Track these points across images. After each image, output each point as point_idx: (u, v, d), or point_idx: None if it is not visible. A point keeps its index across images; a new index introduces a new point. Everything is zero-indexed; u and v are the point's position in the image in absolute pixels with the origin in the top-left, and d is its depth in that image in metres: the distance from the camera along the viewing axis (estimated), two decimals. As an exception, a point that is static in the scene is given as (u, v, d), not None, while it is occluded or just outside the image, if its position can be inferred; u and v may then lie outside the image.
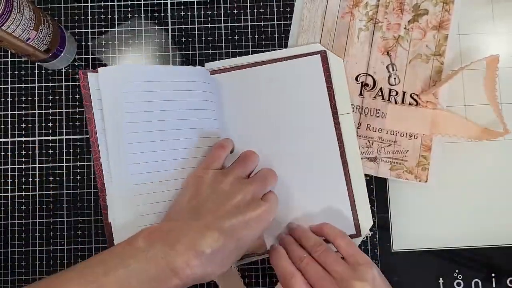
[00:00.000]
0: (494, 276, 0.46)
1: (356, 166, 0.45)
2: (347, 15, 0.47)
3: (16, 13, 0.38)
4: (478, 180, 0.46)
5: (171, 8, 0.48)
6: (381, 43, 0.47)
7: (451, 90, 0.46)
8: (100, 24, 0.48)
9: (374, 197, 0.46)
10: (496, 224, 0.46)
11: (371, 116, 0.46)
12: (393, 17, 0.47)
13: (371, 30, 0.47)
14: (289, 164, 0.45)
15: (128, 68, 0.42)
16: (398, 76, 0.46)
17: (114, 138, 0.40)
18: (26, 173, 0.47)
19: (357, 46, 0.47)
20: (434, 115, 0.46)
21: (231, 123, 0.45)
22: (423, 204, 0.46)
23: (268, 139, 0.45)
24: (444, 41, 0.46)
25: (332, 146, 0.45)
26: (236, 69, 0.46)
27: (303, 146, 0.45)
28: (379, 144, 0.46)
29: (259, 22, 0.48)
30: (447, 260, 0.46)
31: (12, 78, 0.47)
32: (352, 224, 0.45)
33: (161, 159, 0.41)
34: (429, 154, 0.46)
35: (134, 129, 0.40)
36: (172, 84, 0.42)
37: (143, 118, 0.41)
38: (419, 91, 0.46)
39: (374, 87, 0.47)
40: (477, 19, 0.48)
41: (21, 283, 0.46)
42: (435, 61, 0.46)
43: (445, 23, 0.46)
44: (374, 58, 0.47)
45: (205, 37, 0.48)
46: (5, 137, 0.47)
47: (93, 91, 0.40)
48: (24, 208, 0.46)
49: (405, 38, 0.46)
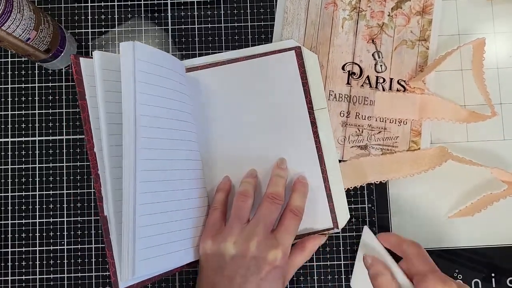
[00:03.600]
0: (494, 276, 0.45)
1: (333, 161, 0.46)
2: (330, 5, 0.47)
3: (16, 13, 0.38)
4: (478, 180, 0.46)
5: (171, 8, 0.48)
6: (365, 31, 0.47)
7: (438, 74, 0.46)
8: (100, 24, 0.48)
9: (374, 197, 0.46)
10: (496, 224, 0.46)
11: (359, 105, 0.47)
12: (376, 5, 0.47)
13: (355, 19, 0.47)
14: (265, 160, 0.45)
15: (108, 56, 0.39)
16: (384, 63, 0.47)
17: (126, 128, 0.37)
18: (26, 173, 0.47)
19: (342, 35, 0.47)
20: (422, 100, 0.46)
21: (208, 120, 0.45)
22: (423, 204, 0.46)
23: (244, 135, 0.45)
24: (429, 26, 0.46)
25: (308, 141, 0.45)
26: (213, 66, 0.46)
27: (280, 142, 0.45)
28: (369, 131, 0.46)
29: (259, 22, 0.48)
30: (447, 260, 0.46)
31: (12, 78, 0.47)
32: (329, 217, 0.45)
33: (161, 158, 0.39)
34: (419, 139, 0.46)
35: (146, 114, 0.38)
36: (172, 73, 0.41)
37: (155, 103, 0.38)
38: (406, 77, 0.47)
39: (361, 75, 0.47)
40: (477, 19, 0.48)
41: (21, 283, 0.46)
42: (421, 46, 0.46)
43: (429, 8, 0.47)
44: (360, 46, 0.47)
45: (205, 37, 0.48)
46: (5, 137, 0.47)
47: (85, 77, 0.38)
48: (24, 208, 0.46)
49: (389, 25, 0.47)
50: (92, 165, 0.38)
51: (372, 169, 0.46)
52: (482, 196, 0.45)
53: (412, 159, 0.45)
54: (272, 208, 0.40)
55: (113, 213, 0.38)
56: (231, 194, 0.44)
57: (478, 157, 0.45)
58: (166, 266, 0.39)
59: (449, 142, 0.47)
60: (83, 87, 0.38)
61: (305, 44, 0.47)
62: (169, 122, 0.40)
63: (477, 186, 0.46)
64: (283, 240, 0.39)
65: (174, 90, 0.41)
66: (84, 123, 0.38)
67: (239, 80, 0.46)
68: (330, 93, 0.47)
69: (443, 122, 0.46)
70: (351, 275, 0.46)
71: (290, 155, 0.45)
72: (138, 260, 0.36)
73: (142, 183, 0.37)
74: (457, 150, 0.46)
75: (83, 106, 0.38)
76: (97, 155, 0.38)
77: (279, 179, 0.42)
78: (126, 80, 0.37)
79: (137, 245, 0.36)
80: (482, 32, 0.47)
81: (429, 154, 0.45)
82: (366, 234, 0.44)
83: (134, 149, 0.37)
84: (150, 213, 0.37)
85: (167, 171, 0.39)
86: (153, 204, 0.38)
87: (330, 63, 0.47)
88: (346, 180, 0.46)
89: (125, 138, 0.37)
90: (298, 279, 0.46)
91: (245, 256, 0.38)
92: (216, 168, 0.45)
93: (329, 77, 0.47)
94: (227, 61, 0.46)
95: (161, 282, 0.46)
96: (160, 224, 0.38)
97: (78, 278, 0.46)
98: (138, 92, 0.37)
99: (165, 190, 0.39)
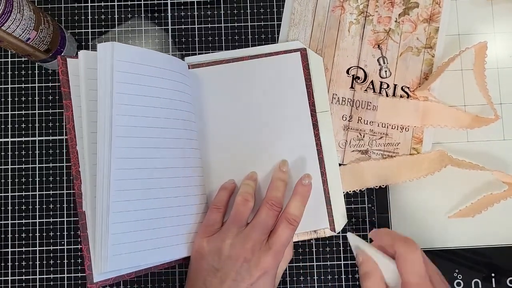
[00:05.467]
0: (494, 276, 0.46)
1: (333, 165, 0.46)
2: (338, 8, 0.47)
3: (16, 13, 0.38)
4: (478, 181, 0.46)
5: (171, 8, 0.48)
6: (372, 36, 0.47)
7: (442, 81, 0.46)
8: (100, 24, 0.48)
9: (374, 197, 0.46)
10: (496, 224, 0.46)
11: (362, 109, 0.47)
12: (384, 10, 0.47)
13: (362, 24, 0.47)
14: (266, 160, 0.45)
15: (118, 46, 0.39)
16: (389, 69, 0.47)
17: (101, 126, 0.38)
18: (26, 173, 0.47)
19: (348, 39, 0.47)
20: (425, 107, 0.46)
21: (210, 118, 0.45)
22: (423, 204, 0.46)
23: (246, 135, 0.45)
24: (435, 34, 0.46)
25: (309, 143, 0.45)
26: (216, 63, 0.46)
27: (281, 143, 0.45)
28: (370, 136, 0.46)
29: (259, 22, 0.48)
30: (447, 260, 0.46)
31: (12, 78, 0.47)
32: (327, 220, 0.45)
33: (143, 157, 0.40)
34: (420, 146, 0.46)
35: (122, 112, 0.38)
36: (160, 71, 0.41)
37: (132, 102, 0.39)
38: (410, 84, 0.46)
39: (365, 80, 0.47)
40: (477, 19, 0.48)
41: (21, 283, 0.46)
42: (426, 53, 0.46)
43: (436, 16, 0.46)
44: (365, 51, 0.47)
45: (205, 37, 0.48)
46: (5, 137, 0.47)
47: (71, 77, 0.39)
48: (24, 208, 0.46)
49: (396, 31, 0.47)
50: (73, 162, 0.39)
51: (371, 174, 0.46)
52: (482, 196, 0.45)
53: (412, 163, 0.45)
54: (270, 213, 0.40)
55: (90, 209, 0.39)
56: (233, 194, 0.44)
57: (478, 158, 0.45)
58: (147, 261, 0.39)
59: (449, 143, 0.47)
60: (68, 87, 0.39)
61: (310, 46, 0.47)
62: (154, 120, 0.40)
63: (477, 186, 0.46)
64: (276, 246, 0.39)
65: (165, 89, 0.41)
66: (67, 122, 0.39)
67: (243, 79, 0.46)
68: (333, 96, 0.47)
69: (443, 122, 0.46)
70: (351, 275, 0.46)
71: (290, 157, 0.45)
72: (112, 255, 0.37)
73: (116, 181, 0.38)
74: (457, 151, 0.46)
75: (67, 105, 0.39)
76: (79, 152, 0.39)
77: (280, 183, 0.42)
78: (102, 81, 0.38)
79: (110, 241, 0.37)
80: (482, 32, 0.47)
81: (428, 158, 0.45)
82: (352, 239, 0.40)
83: (109, 151, 0.37)
84: (124, 210, 0.38)
85: (145, 169, 0.39)
86: (129, 202, 0.38)
87: (334, 66, 0.47)
88: (345, 184, 0.46)
89: (100, 140, 0.37)
90: (298, 279, 0.46)
91: (239, 259, 0.38)
92: (215, 167, 0.45)
93: (333, 80, 0.47)
94: (231, 59, 0.46)
95: (161, 282, 0.46)
96: (139, 221, 0.39)
97: (78, 278, 0.46)
98: (116, 92, 0.38)
99: (143, 189, 0.39)
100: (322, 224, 0.45)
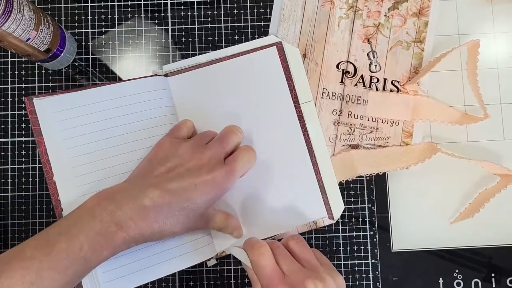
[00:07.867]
0: (494, 276, 0.46)
1: (322, 153, 0.46)
2: (327, 3, 0.47)
3: (16, 13, 0.38)
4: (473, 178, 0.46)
5: (171, 8, 0.48)
6: (361, 30, 0.47)
7: (437, 74, 0.46)
8: (100, 24, 0.48)
9: (374, 197, 0.46)
10: (496, 224, 0.46)
11: (352, 104, 0.47)
12: (373, 5, 0.47)
13: (352, 18, 0.47)
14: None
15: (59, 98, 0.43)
16: (379, 63, 0.47)
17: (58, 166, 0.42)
18: (26, 173, 0.47)
19: (337, 34, 0.47)
20: (415, 101, 0.46)
21: (195, 122, 0.45)
22: (423, 204, 0.46)
23: None
24: (425, 28, 0.47)
25: (296, 135, 0.45)
26: (194, 68, 0.46)
27: (268, 139, 0.45)
28: (360, 131, 0.46)
29: (259, 22, 0.48)
30: (447, 260, 0.46)
31: (12, 78, 0.48)
32: (324, 209, 0.45)
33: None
34: (410, 140, 0.46)
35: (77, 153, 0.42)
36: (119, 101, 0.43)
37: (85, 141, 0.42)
38: (400, 78, 0.47)
39: (355, 74, 0.47)
40: (477, 19, 0.48)
41: (21, 283, 0.46)
42: (416, 47, 0.47)
43: (425, 9, 0.47)
44: (355, 45, 0.47)
45: (205, 37, 0.48)
46: (5, 137, 0.47)
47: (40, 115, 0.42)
48: (24, 208, 0.46)
49: (385, 25, 0.47)
50: (52, 192, 0.42)
51: (362, 162, 0.46)
52: (478, 193, 0.45)
53: (402, 153, 0.46)
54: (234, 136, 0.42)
55: None
56: None
57: (478, 157, 0.45)
58: (141, 280, 0.42)
59: (449, 143, 0.47)
60: (38, 124, 0.42)
61: (300, 41, 0.47)
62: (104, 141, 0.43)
63: (472, 184, 0.46)
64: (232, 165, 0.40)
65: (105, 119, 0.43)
66: (41, 156, 0.42)
67: (223, 80, 0.46)
68: (323, 91, 0.47)
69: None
70: (351, 275, 0.46)
71: (280, 151, 0.45)
72: (103, 282, 0.41)
73: None
74: (457, 150, 0.46)
75: (39, 141, 0.42)
76: (57, 183, 0.42)
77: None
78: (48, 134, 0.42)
79: (100, 269, 0.40)
80: (482, 32, 0.48)
81: (418, 149, 0.46)
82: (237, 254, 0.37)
83: None
84: None
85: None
86: None
87: (324, 61, 0.47)
88: (336, 174, 0.46)
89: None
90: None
91: (193, 160, 0.39)
92: None
93: (323, 75, 0.47)
94: (209, 62, 0.46)
95: (161, 282, 0.46)
96: None
97: (78, 278, 0.46)
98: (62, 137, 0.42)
99: None
100: (320, 214, 0.45)
